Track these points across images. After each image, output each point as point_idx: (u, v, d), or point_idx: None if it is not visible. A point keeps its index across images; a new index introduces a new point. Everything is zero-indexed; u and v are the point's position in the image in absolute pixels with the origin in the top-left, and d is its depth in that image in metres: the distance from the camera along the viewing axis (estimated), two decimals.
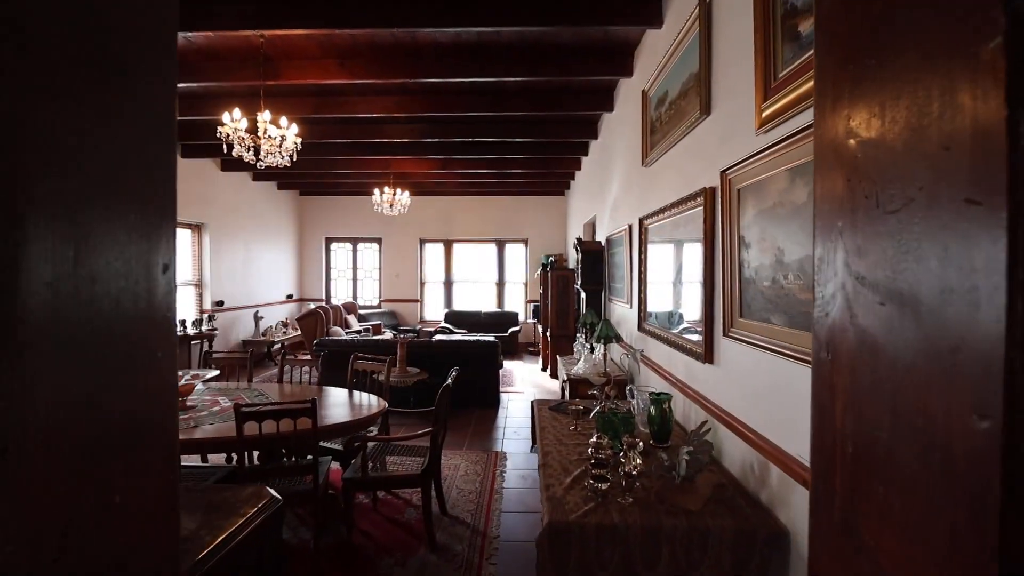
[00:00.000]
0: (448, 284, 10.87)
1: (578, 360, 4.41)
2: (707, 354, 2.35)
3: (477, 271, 10.88)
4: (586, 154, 6.89)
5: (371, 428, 3.33)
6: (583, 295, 5.48)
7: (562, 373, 4.53)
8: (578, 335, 4.86)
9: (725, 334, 2.13)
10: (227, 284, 8.17)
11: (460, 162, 7.48)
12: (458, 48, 3.97)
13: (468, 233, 10.65)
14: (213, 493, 1.36)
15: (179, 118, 5.19)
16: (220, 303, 7.97)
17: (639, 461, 1.98)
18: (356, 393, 3.44)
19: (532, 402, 3.12)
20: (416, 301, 10.77)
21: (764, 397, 1.85)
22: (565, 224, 10.32)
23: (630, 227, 4.06)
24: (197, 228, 7.68)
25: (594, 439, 2.07)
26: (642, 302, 3.59)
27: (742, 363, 2.03)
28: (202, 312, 7.70)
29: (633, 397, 2.82)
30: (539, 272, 9.11)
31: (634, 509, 1.77)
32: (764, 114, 1.80)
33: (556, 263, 7.84)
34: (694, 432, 1.99)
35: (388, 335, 9.38)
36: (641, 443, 2.06)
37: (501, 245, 10.77)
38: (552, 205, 10.43)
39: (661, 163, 3.24)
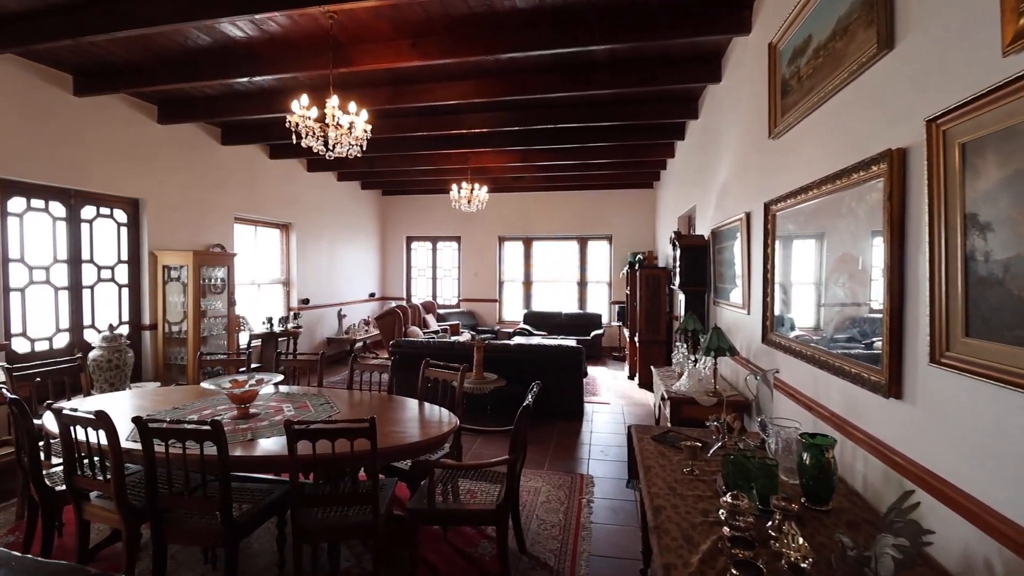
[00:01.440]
0: (527, 283, 10.46)
1: (678, 373, 3.77)
2: (893, 385, 1.67)
3: (557, 270, 10.35)
4: (682, 138, 6.12)
5: (442, 446, 2.94)
6: (681, 297, 4.79)
7: (659, 388, 3.90)
8: (676, 343, 4.19)
9: (934, 360, 1.45)
10: (312, 282, 8.32)
11: (540, 153, 7.01)
12: (538, 16, 3.48)
13: (548, 230, 10.16)
14: None
15: (262, 116, 5.20)
16: (306, 301, 8.12)
17: (802, 542, 1.38)
18: (427, 406, 3.07)
19: (629, 428, 2.57)
20: (494, 301, 10.46)
21: (1013, 458, 1.18)
22: (654, 219, 9.51)
23: (747, 216, 3.35)
24: (285, 228, 7.86)
25: (727, 498, 1.49)
26: (767, 307, 2.89)
27: (967, 404, 1.36)
28: (289, 310, 7.88)
29: (766, 432, 2.18)
30: (625, 271, 8.41)
31: None
32: None
33: (645, 261, 7.12)
34: (893, 508, 1.34)
35: (466, 336, 9.13)
36: (796, 507, 1.45)
37: (583, 242, 10.16)
38: (639, 199, 9.65)
39: (799, 130, 2.54)
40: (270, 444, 2.43)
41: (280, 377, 3.19)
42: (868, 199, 1.85)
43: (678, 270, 4.69)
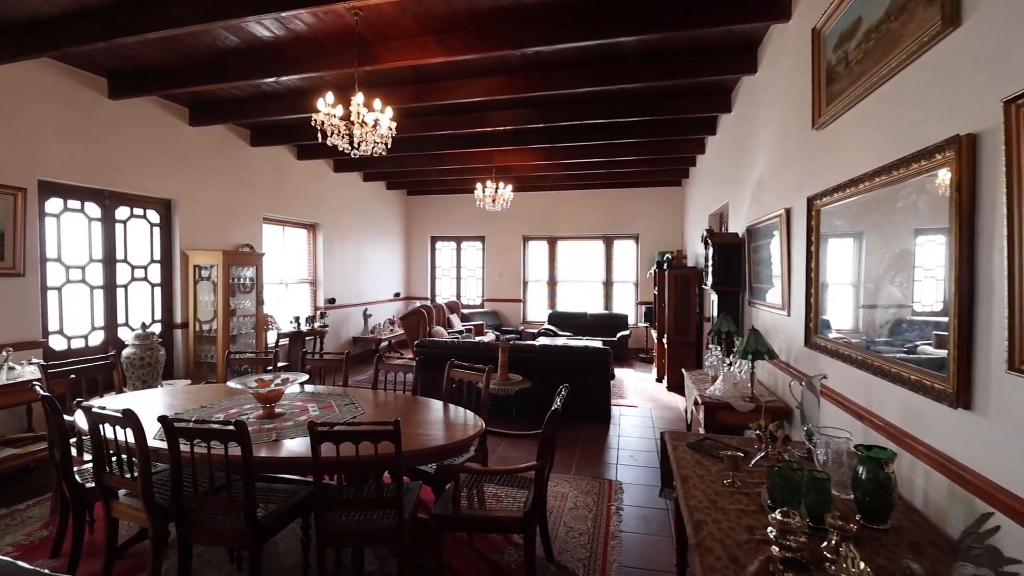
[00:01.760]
0: (552, 283, 10.34)
1: (711, 377, 3.61)
2: (961, 394, 1.52)
3: (582, 270, 10.21)
4: (713, 132, 5.93)
5: (468, 449, 2.87)
6: (713, 297, 4.62)
7: (691, 392, 3.75)
8: (709, 346, 4.04)
9: (1014, 367, 1.30)
10: (339, 282, 8.38)
11: (565, 151, 6.89)
12: (565, 7, 3.39)
13: (573, 229, 10.03)
14: None
15: (289, 116, 5.24)
16: (332, 300, 8.19)
17: (864, 567, 1.25)
18: (452, 408, 3.00)
19: (663, 435, 2.44)
20: (518, 301, 10.38)
21: None
22: (682, 217, 9.28)
23: (787, 212, 3.18)
24: (312, 228, 7.94)
25: (777, 515, 1.38)
26: (811, 308, 2.72)
27: None
28: (316, 309, 7.96)
29: (813, 442, 2.04)
30: (652, 271, 8.23)
31: None
32: None
33: (674, 261, 6.93)
34: (970, 532, 1.21)
35: (490, 336, 9.08)
36: (854, 526, 1.33)
37: (609, 242, 9.99)
38: (667, 197, 9.43)
39: (848, 119, 2.38)
40: (294, 445, 2.39)
41: (305, 377, 3.17)
42: (930, 191, 1.70)
43: (710, 269, 4.52)
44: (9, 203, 3.79)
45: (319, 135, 3.40)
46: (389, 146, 3.59)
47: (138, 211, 5.10)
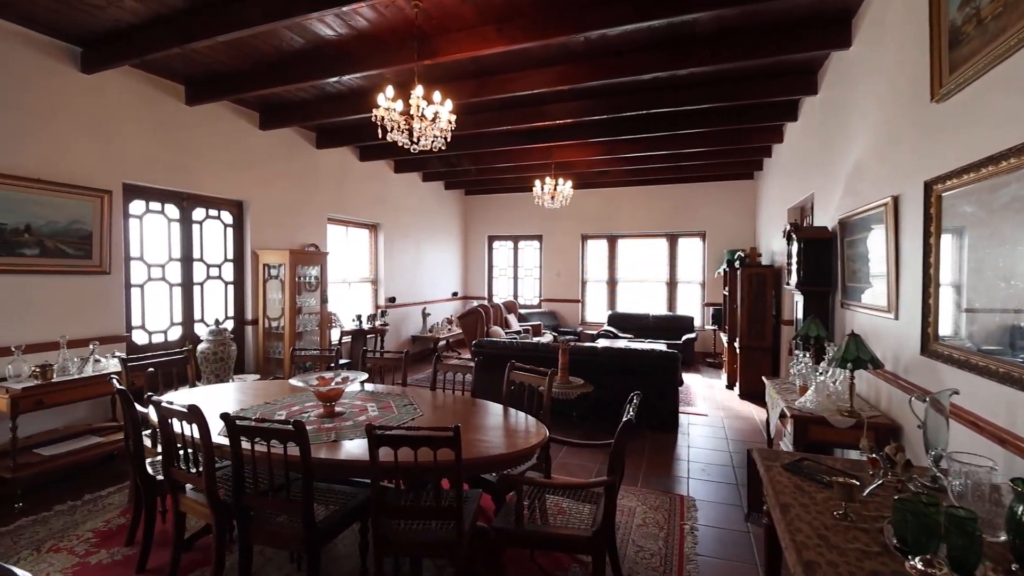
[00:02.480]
0: (612, 283, 10.00)
1: (799, 387, 3.25)
2: None
3: (644, 269, 9.79)
4: (794, 118, 5.44)
5: (530, 458, 2.70)
6: (797, 298, 4.20)
7: (775, 403, 3.39)
8: (794, 352, 3.65)
9: None
10: (399, 281, 8.49)
11: (627, 144, 6.58)
12: None
13: (634, 227, 9.64)
14: None
15: (351, 117, 5.30)
16: (392, 299, 8.30)
17: None
18: (512, 412, 2.85)
19: (750, 452, 2.17)
20: (577, 301, 10.12)
21: None
22: (754, 213, 8.69)
23: (894, 200, 2.78)
24: (373, 228, 8.07)
25: (918, 563, 1.12)
26: (929, 311, 2.34)
27: None
28: (376, 307, 8.09)
29: (942, 469, 1.71)
30: (722, 269, 7.74)
31: None
32: None
33: (747, 259, 6.45)
34: None
35: (548, 337, 8.89)
36: None
37: (673, 240, 9.52)
38: (737, 191, 8.86)
39: (980, 87, 2.01)
40: (353, 447, 2.32)
41: (365, 376, 3.13)
42: None
43: (794, 267, 4.11)
44: (96, 205, 4.03)
45: (379, 131, 3.35)
46: (448, 140, 3.49)
47: (213, 212, 5.33)
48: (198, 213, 5.17)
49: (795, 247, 4.06)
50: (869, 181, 3.24)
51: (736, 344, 6.32)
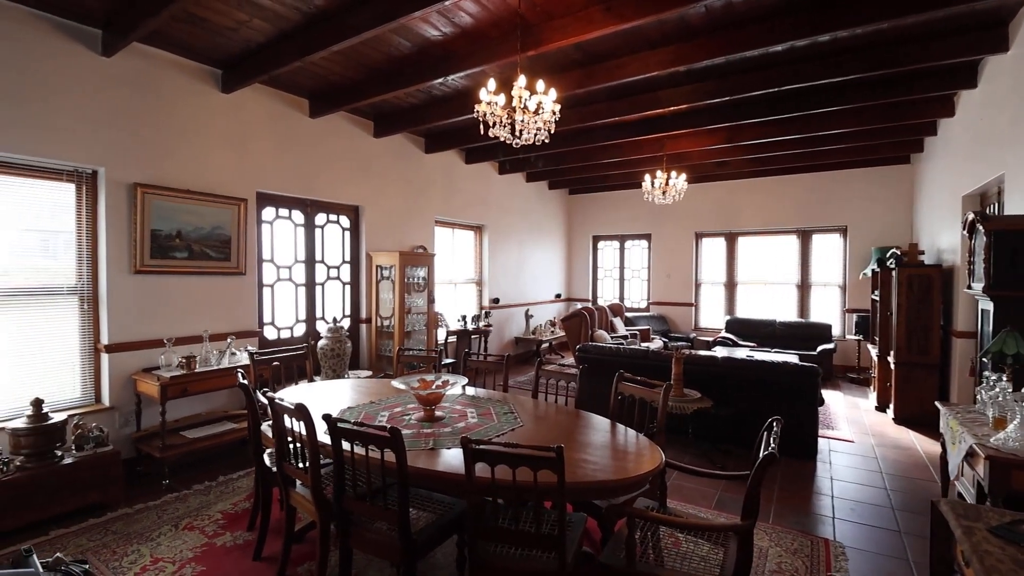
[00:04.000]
0: (730, 286, 9.12)
1: (994, 419, 2.56)
2: None
3: (769, 270, 8.79)
4: (972, 84, 4.44)
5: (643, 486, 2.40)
6: (984, 306, 3.38)
7: (958, 437, 2.70)
8: (984, 374, 2.90)
9: None
10: (502, 282, 8.49)
11: (751, 130, 5.89)
12: None
13: (758, 223, 8.69)
14: None
15: (456, 119, 5.33)
16: (496, 300, 8.32)
17: None
18: (621, 429, 2.56)
19: (935, 504, 1.67)
20: (689, 305, 9.38)
21: None
22: (910, 203, 7.38)
23: None
24: (478, 229, 8.15)
25: None
26: None
27: None
28: (480, 308, 8.16)
29: None
30: (870, 270, 6.64)
31: None
32: None
33: (906, 257, 5.44)
34: None
35: (657, 343, 8.34)
36: None
37: (805, 236, 8.43)
38: (888, 178, 7.59)
39: None
40: (450, 456, 2.21)
41: (465, 380, 3.03)
42: None
43: (979, 266, 3.30)
44: (234, 212, 4.43)
45: (481, 127, 3.25)
46: (552, 132, 3.29)
47: (332, 217, 5.68)
48: (320, 218, 5.53)
49: (980, 241, 3.25)
50: None
51: (890, 358, 5.35)
